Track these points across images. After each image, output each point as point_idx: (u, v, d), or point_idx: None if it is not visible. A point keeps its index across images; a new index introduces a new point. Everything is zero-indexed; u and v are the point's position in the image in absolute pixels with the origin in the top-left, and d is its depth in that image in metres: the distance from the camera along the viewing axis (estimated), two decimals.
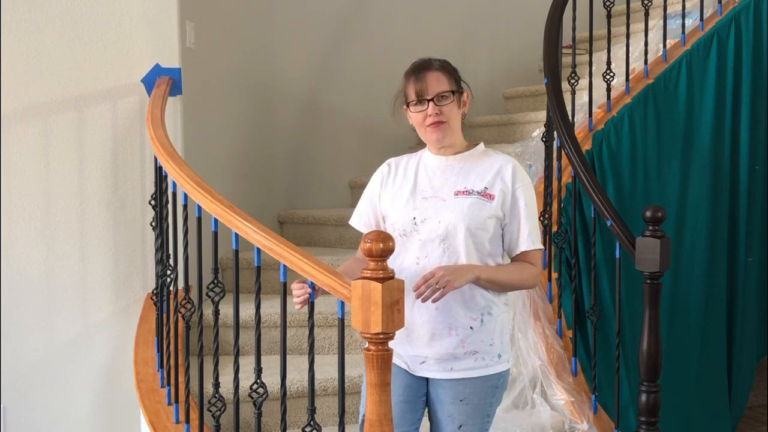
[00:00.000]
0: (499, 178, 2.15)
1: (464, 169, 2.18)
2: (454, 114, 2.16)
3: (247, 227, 2.28)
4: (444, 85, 2.15)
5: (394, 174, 2.26)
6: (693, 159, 3.72)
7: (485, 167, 2.17)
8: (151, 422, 2.75)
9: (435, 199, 2.15)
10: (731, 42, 3.83)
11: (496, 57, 5.13)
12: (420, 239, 2.11)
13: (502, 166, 2.16)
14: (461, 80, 2.21)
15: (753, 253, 3.93)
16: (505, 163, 2.17)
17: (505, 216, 2.14)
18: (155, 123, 2.89)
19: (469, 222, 2.10)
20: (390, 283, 1.83)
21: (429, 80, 2.14)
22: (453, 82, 2.18)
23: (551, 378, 3.04)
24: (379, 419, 1.87)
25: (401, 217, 2.16)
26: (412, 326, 2.09)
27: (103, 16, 3.25)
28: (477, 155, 2.20)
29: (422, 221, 2.13)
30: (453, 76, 2.19)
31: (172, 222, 2.78)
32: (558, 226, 3.27)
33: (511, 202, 2.14)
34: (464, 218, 2.10)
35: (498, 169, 2.16)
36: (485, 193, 2.13)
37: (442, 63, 2.21)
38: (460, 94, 2.19)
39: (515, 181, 2.15)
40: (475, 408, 2.12)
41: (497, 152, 2.24)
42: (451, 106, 2.15)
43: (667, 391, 2.86)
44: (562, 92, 3.29)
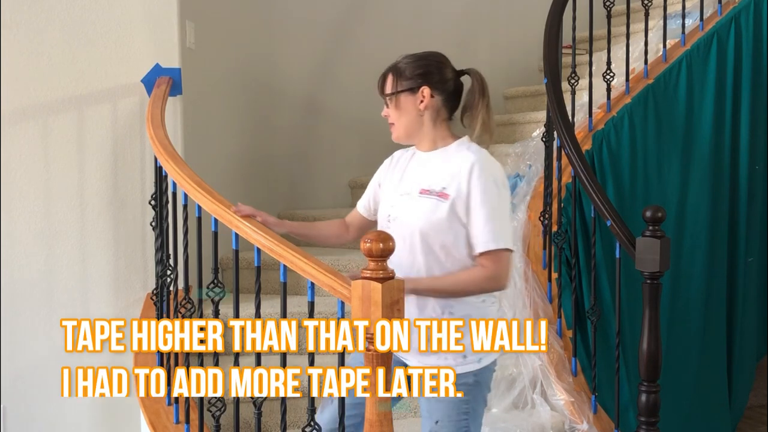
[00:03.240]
0: (458, 176, 2.09)
1: (434, 166, 2.16)
2: (399, 114, 2.18)
3: (247, 227, 2.28)
4: (388, 87, 2.19)
5: (394, 166, 2.29)
6: (693, 159, 3.72)
7: (451, 164, 2.13)
8: (151, 422, 2.75)
9: (407, 197, 2.16)
10: (731, 42, 3.83)
11: (496, 57, 5.12)
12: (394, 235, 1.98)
13: (463, 163, 2.11)
14: (422, 75, 2.18)
15: (753, 253, 3.93)
16: (467, 160, 2.11)
17: (464, 216, 2.08)
18: (155, 123, 2.89)
19: (424, 223, 2.08)
20: (390, 283, 1.83)
21: (384, 82, 2.21)
22: (399, 83, 2.17)
23: (551, 378, 3.04)
24: (379, 419, 1.87)
25: (383, 209, 2.22)
26: None
27: (103, 16, 3.25)
28: (451, 151, 2.18)
29: (394, 219, 2.16)
30: (401, 76, 2.19)
31: (172, 222, 2.78)
32: (558, 226, 3.27)
33: (466, 201, 2.07)
34: (419, 219, 2.09)
35: (459, 166, 2.11)
36: (441, 193, 2.09)
37: (397, 63, 2.23)
38: (413, 92, 2.17)
39: (471, 178, 2.07)
40: (449, 405, 2.10)
41: (471, 148, 2.17)
42: (393, 108, 2.18)
43: (667, 391, 2.86)
44: (562, 92, 3.29)
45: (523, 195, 3.52)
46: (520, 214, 3.44)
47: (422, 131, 2.21)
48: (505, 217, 2.11)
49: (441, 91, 2.22)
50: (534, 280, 3.29)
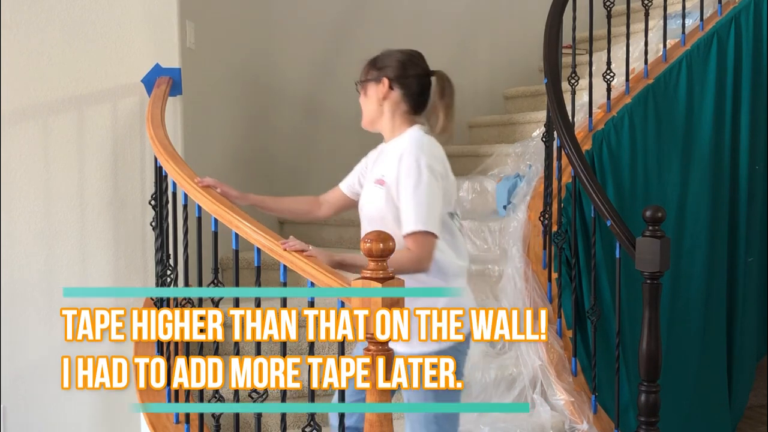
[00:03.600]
0: (393, 162, 2.20)
1: (386, 156, 2.29)
2: (365, 102, 2.34)
3: (247, 227, 2.28)
4: (361, 75, 2.36)
5: (376, 157, 2.41)
6: (693, 159, 3.72)
7: (392, 152, 2.25)
8: (151, 422, 2.75)
9: (368, 186, 2.31)
10: (731, 42, 3.83)
11: (496, 57, 5.12)
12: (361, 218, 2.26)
13: (398, 149, 2.22)
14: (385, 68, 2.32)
15: (753, 253, 3.93)
16: (401, 146, 2.23)
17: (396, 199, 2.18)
18: (155, 123, 2.89)
19: (371, 211, 2.24)
20: (390, 283, 1.83)
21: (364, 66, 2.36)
22: (369, 72, 2.34)
23: (551, 378, 3.04)
24: (379, 419, 1.87)
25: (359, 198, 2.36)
26: None
27: (103, 16, 3.25)
28: (396, 141, 2.28)
29: (360, 208, 2.33)
30: (372, 66, 2.35)
31: (172, 222, 2.78)
32: (558, 226, 3.27)
33: (396, 186, 2.18)
34: (371, 206, 2.25)
35: (396, 152, 2.22)
36: (380, 180, 2.23)
37: (374, 57, 2.37)
38: (377, 83, 2.31)
39: (401, 163, 2.18)
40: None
41: (410, 134, 2.28)
42: (363, 97, 2.35)
43: (667, 391, 2.86)
44: (562, 92, 3.29)
45: (523, 195, 3.52)
46: (520, 214, 3.45)
47: (382, 121, 2.33)
48: (429, 202, 2.16)
49: (401, 85, 2.33)
50: (534, 280, 3.29)
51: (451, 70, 4.96)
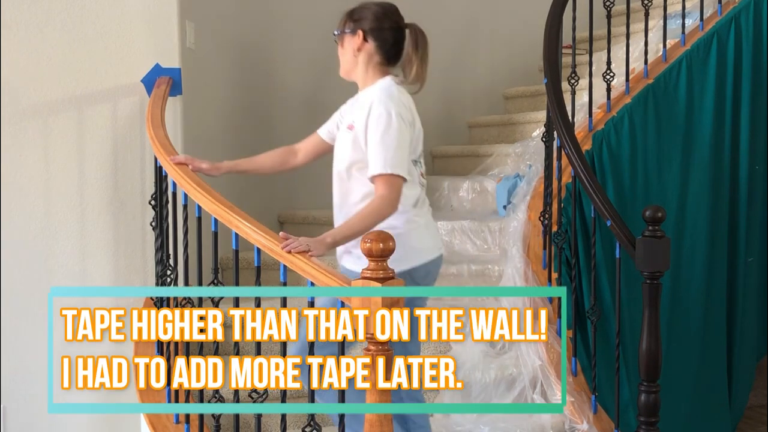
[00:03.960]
0: (363, 109, 2.35)
1: (355, 104, 2.46)
2: (342, 52, 2.47)
3: (247, 227, 2.28)
4: (339, 24, 2.48)
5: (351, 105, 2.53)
6: (693, 159, 3.72)
7: (363, 101, 2.40)
8: (151, 422, 2.75)
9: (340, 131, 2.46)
10: (731, 42, 3.83)
11: (496, 57, 5.12)
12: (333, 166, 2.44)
13: (368, 97, 2.37)
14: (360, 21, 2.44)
15: (753, 253, 3.93)
16: (372, 94, 2.37)
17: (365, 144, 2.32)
18: (155, 123, 2.89)
19: (342, 155, 2.40)
20: (390, 283, 1.83)
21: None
22: (346, 24, 2.46)
23: (551, 378, 3.04)
24: (379, 419, 1.87)
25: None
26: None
27: (103, 16, 3.25)
28: (368, 91, 2.42)
29: (334, 153, 2.46)
30: (349, 19, 2.46)
31: (172, 222, 2.78)
32: (558, 226, 3.27)
33: (364, 132, 2.32)
34: (342, 150, 2.40)
35: (366, 100, 2.37)
36: (350, 126, 2.39)
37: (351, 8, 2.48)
38: (352, 35, 2.43)
39: (370, 110, 2.32)
40: None
41: (381, 84, 2.41)
42: (340, 46, 2.47)
43: (667, 391, 2.86)
44: (562, 92, 3.29)
45: (523, 195, 3.52)
46: (520, 214, 3.45)
47: (357, 71, 2.47)
48: (396, 147, 2.29)
49: (375, 38, 2.44)
50: (534, 280, 3.29)
51: (451, 70, 4.99)
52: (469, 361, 3.07)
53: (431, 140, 4.87)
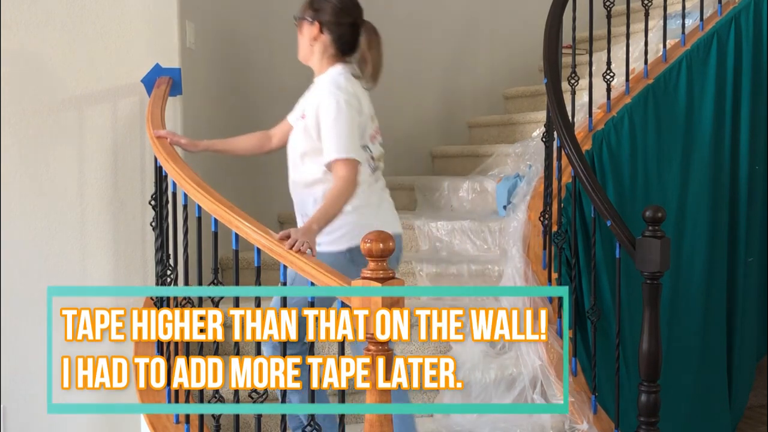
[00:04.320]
0: (314, 99, 2.49)
1: (309, 93, 2.59)
2: (300, 37, 2.58)
3: (247, 227, 2.28)
4: (300, 10, 2.58)
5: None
6: (693, 159, 3.72)
7: (315, 90, 2.54)
8: (151, 422, 2.75)
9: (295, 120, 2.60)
10: (731, 42, 3.83)
11: (496, 57, 5.12)
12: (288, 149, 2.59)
13: (319, 87, 2.51)
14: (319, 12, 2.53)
15: (753, 253, 3.93)
16: (321, 84, 2.51)
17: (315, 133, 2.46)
18: (155, 123, 2.88)
19: (295, 143, 2.54)
20: (390, 283, 1.83)
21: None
22: (305, 11, 2.55)
23: (551, 378, 3.04)
24: (379, 419, 1.87)
25: None
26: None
27: (103, 16, 3.25)
28: (320, 79, 2.56)
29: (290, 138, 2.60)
30: (309, 6, 2.55)
31: (172, 222, 2.78)
32: (558, 226, 3.27)
33: (315, 120, 2.46)
34: (293, 139, 2.55)
35: (317, 89, 2.51)
36: (302, 115, 2.52)
37: None
38: (310, 23, 2.54)
39: (320, 100, 2.46)
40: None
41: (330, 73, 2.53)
42: (298, 30, 2.58)
43: (667, 391, 2.86)
44: (562, 92, 3.29)
45: (523, 195, 3.52)
46: (520, 214, 3.45)
47: (313, 60, 2.58)
48: (348, 133, 2.44)
49: (331, 31, 2.54)
50: (534, 280, 3.29)
51: (451, 70, 5.00)
52: (469, 361, 3.07)
53: (431, 140, 4.89)
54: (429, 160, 4.84)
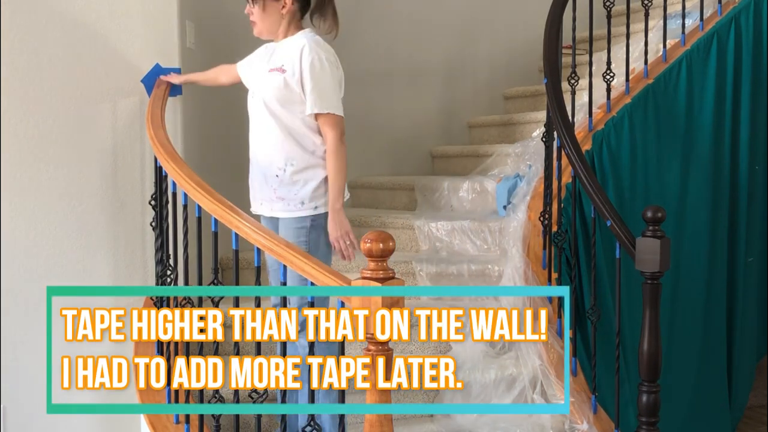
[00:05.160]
0: (292, 56, 2.70)
1: (280, 50, 2.78)
2: (263, 16, 2.77)
3: (247, 227, 2.28)
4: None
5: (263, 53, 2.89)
6: (693, 159, 3.72)
7: (290, 48, 2.73)
8: (151, 422, 2.75)
9: (260, 75, 2.80)
10: (731, 42, 3.83)
11: (496, 57, 5.12)
12: (253, 106, 2.82)
13: (296, 45, 2.71)
14: None
15: (753, 253, 3.93)
16: (299, 43, 2.72)
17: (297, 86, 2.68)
18: (155, 123, 2.89)
19: (270, 92, 2.72)
20: (390, 283, 1.83)
21: None
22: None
23: (551, 378, 3.04)
24: (379, 419, 1.87)
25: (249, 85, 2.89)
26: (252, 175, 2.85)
27: (103, 15, 3.25)
28: (291, 39, 2.77)
29: (253, 93, 2.83)
30: None
31: (172, 222, 2.78)
32: (558, 226, 3.27)
33: (299, 74, 2.67)
34: (267, 89, 2.73)
35: (294, 48, 2.71)
36: (280, 69, 2.71)
37: None
38: (277, 1, 2.74)
39: (302, 57, 2.67)
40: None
41: (306, 34, 2.76)
42: (257, 10, 2.77)
43: (667, 391, 2.86)
44: (562, 92, 3.29)
45: (523, 195, 3.52)
46: (520, 214, 3.45)
47: (280, 29, 2.79)
48: (333, 88, 2.72)
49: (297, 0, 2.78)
50: (534, 280, 3.29)
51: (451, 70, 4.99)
52: (469, 361, 3.07)
53: (431, 140, 4.89)
54: (429, 160, 4.84)
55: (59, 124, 3.24)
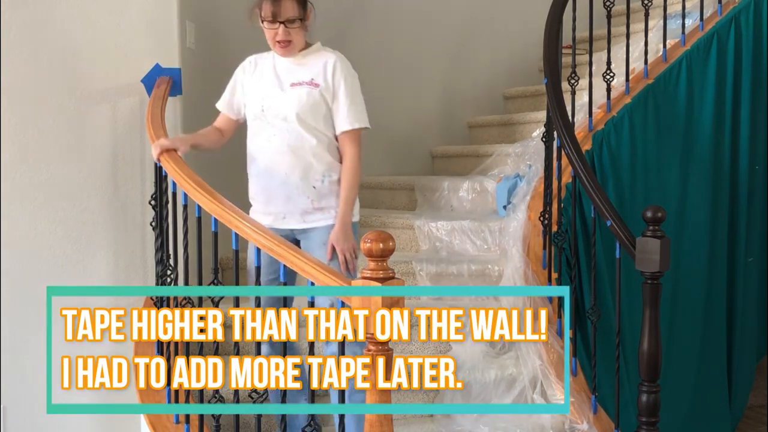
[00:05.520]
0: (323, 70, 2.70)
1: (301, 65, 2.74)
2: (300, 35, 2.70)
3: (247, 227, 2.28)
4: (295, 12, 2.66)
5: (254, 69, 2.83)
6: (693, 159, 3.72)
7: (316, 62, 2.73)
8: (151, 422, 2.75)
9: (277, 90, 2.72)
10: (731, 42, 3.83)
11: (496, 57, 5.12)
12: (268, 123, 2.72)
13: (326, 60, 2.72)
14: (308, 1, 2.71)
15: (753, 253, 3.93)
16: (329, 58, 2.73)
17: (330, 99, 2.69)
18: (155, 123, 2.89)
19: (298, 106, 2.67)
20: (390, 283, 1.83)
21: (284, 6, 2.64)
22: (301, 9, 2.67)
23: (551, 378, 3.04)
24: (379, 419, 1.87)
25: (253, 104, 2.77)
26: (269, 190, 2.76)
27: (103, 16, 3.25)
28: (311, 53, 2.75)
29: (268, 108, 2.72)
30: (302, 2, 2.68)
31: (172, 222, 2.78)
32: (558, 226, 3.27)
33: (333, 90, 2.69)
34: (294, 104, 2.68)
35: (323, 62, 2.71)
36: (311, 83, 2.69)
37: None
38: (306, 12, 2.70)
39: (335, 72, 2.69)
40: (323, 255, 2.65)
41: (326, 50, 2.76)
42: (297, 30, 2.68)
43: (667, 391, 2.86)
44: (562, 92, 3.29)
45: (523, 195, 3.52)
46: (520, 214, 3.44)
47: (302, 42, 2.75)
48: (361, 101, 2.74)
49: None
50: (534, 280, 3.29)
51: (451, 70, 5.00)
52: (469, 361, 3.07)
53: (431, 140, 4.89)
54: (429, 160, 4.84)
55: (59, 124, 3.25)
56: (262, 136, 2.76)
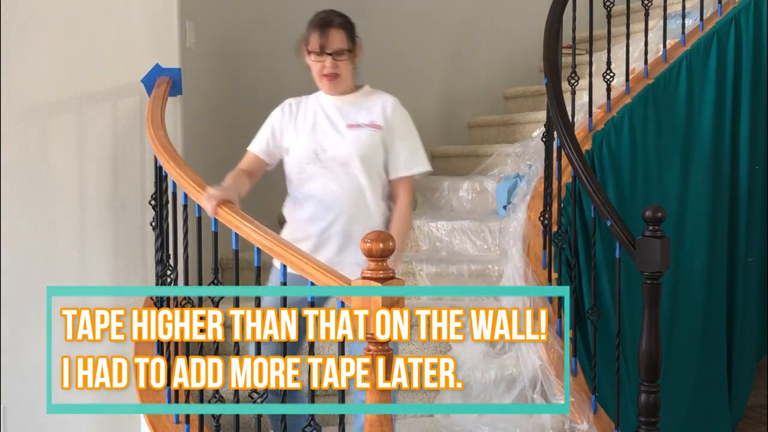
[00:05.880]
0: (382, 112, 2.55)
1: (355, 105, 2.58)
2: (348, 69, 2.55)
3: (247, 227, 2.28)
4: (343, 43, 2.52)
5: (296, 111, 2.64)
6: (693, 159, 3.72)
7: (372, 104, 2.58)
8: (151, 422, 2.75)
9: (333, 132, 2.54)
10: (731, 42, 3.82)
11: (496, 57, 5.13)
12: (323, 167, 2.52)
13: (383, 103, 2.58)
14: (356, 35, 2.57)
15: (753, 253, 3.93)
16: (386, 100, 2.59)
17: (388, 142, 2.54)
18: (155, 123, 2.89)
19: (361, 149, 2.51)
20: (390, 283, 1.83)
21: (332, 37, 2.50)
22: (350, 41, 2.54)
23: (551, 378, 3.04)
24: (379, 419, 1.87)
25: (304, 148, 2.55)
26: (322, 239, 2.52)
27: (103, 15, 3.25)
28: (364, 94, 2.61)
29: (322, 151, 2.53)
30: (351, 34, 2.55)
31: (172, 222, 2.78)
32: (558, 226, 3.27)
33: (391, 132, 2.55)
34: (356, 146, 2.51)
35: (381, 105, 2.57)
36: (373, 125, 2.54)
37: (344, 21, 2.55)
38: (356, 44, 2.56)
39: (394, 115, 2.56)
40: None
41: (380, 92, 2.63)
42: (346, 62, 2.53)
43: (667, 391, 2.86)
44: (562, 92, 3.29)
45: (523, 195, 3.52)
46: (520, 214, 3.44)
47: (350, 80, 2.61)
48: (422, 145, 2.63)
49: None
50: (534, 280, 3.29)
51: (451, 70, 5.00)
52: (469, 361, 3.07)
53: (431, 140, 4.88)
54: (429, 159, 4.83)
55: (59, 124, 3.25)
56: (317, 181, 2.54)
